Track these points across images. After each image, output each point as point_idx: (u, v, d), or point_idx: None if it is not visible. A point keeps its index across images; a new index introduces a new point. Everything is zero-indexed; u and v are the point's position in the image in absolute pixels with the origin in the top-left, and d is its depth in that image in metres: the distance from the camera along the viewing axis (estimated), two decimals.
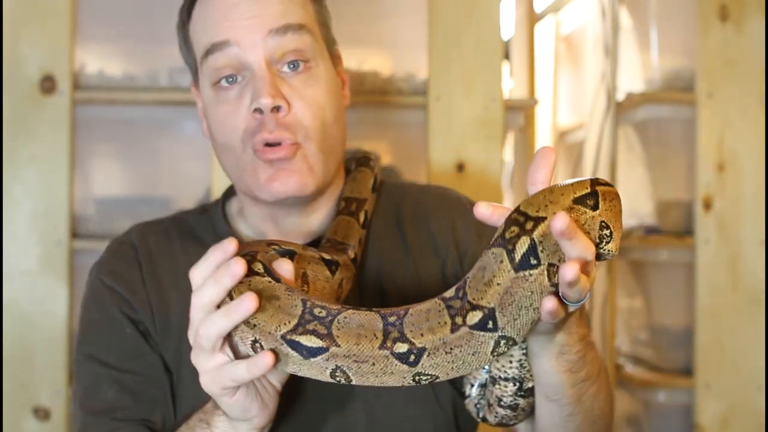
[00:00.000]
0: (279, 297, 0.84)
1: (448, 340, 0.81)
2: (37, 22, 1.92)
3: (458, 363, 0.82)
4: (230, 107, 1.06)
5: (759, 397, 2.12)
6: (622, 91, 2.32)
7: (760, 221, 2.14)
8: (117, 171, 2.13)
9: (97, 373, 1.08)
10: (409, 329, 0.82)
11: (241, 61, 1.05)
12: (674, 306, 2.28)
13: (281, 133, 1.05)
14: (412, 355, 0.81)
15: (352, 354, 0.82)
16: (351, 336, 0.82)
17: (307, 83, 1.07)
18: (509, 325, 0.81)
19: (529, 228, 0.79)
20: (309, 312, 0.83)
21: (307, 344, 0.82)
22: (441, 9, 1.99)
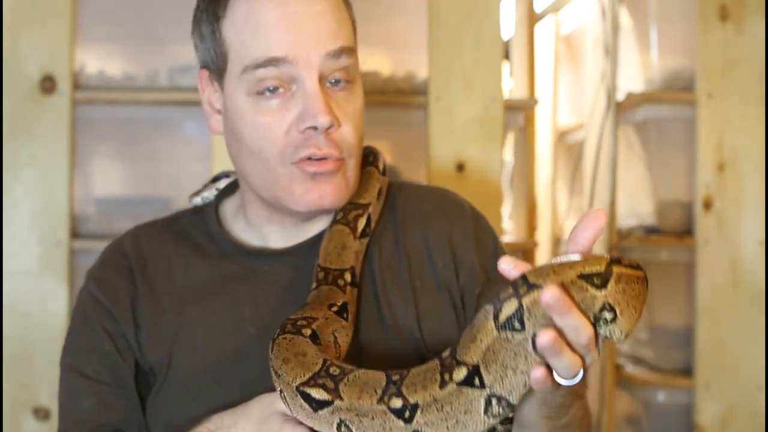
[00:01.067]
0: (306, 353, 0.91)
1: (438, 396, 0.83)
2: (37, 22, 1.92)
3: (452, 422, 0.84)
4: (272, 118, 1.05)
5: (759, 397, 2.12)
6: (622, 91, 2.32)
7: (760, 221, 2.14)
8: (117, 171, 2.13)
9: (77, 384, 1.11)
10: (406, 386, 0.85)
11: (292, 76, 1.04)
12: (674, 306, 2.28)
13: (330, 150, 1.05)
14: (407, 411, 0.84)
15: (354, 408, 0.86)
16: (354, 391, 0.86)
17: (348, 100, 1.08)
18: (497, 384, 0.82)
19: (522, 293, 0.79)
20: (325, 369, 0.89)
21: (315, 396, 0.87)
22: (441, 9, 1.99)
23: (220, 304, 1.10)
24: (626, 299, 0.81)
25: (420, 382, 0.84)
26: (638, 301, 0.82)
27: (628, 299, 0.81)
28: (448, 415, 0.83)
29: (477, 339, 0.81)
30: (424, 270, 1.13)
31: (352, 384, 0.87)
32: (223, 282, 1.12)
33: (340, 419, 0.87)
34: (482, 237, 1.16)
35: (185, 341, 1.09)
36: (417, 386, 0.84)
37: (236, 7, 1.06)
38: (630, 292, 0.82)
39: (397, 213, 1.18)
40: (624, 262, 0.81)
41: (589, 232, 0.81)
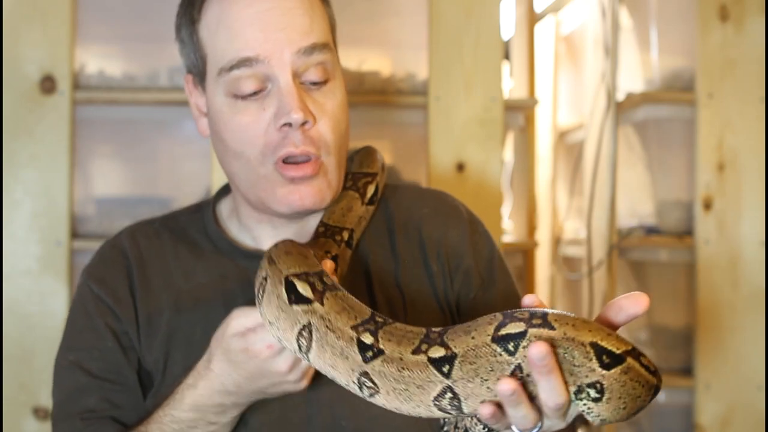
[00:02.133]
0: (308, 257, 0.92)
1: (405, 358, 0.83)
2: (37, 22, 1.92)
3: (402, 387, 0.84)
4: (250, 118, 1.05)
5: (759, 397, 2.12)
6: (622, 91, 2.32)
7: (760, 221, 2.14)
8: (117, 171, 2.13)
9: (81, 381, 1.10)
10: (384, 331, 0.85)
11: (267, 75, 1.05)
12: (674, 306, 2.28)
13: (307, 148, 1.05)
14: (372, 351, 0.84)
15: (328, 319, 0.86)
16: (337, 306, 0.87)
17: (327, 97, 1.08)
18: (461, 383, 0.82)
19: (534, 323, 0.79)
20: (320, 275, 0.89)
21: (300, 290, 0.88)
22: (441, 9, 1.99)
23: (216, 304, 1.10)
24: (622, 392, 0.81)
25: (398, 336, 0.84)
26: (633, 401, 0.82)
27: (623, 393, 0.81)
28: (403, 379, 0.84)
29: (470, 334, 0.82)
30: (419, 274, 1.13)
31: (338, 300, 0.87)
32: (220, 281, 1.12)
33: (309, 322, 0.87)
34: (478, 241, 1.16)
35: (182, 340, 1.10)
36: (393, 338, 0.84)
37: (209, 10, 1.07)
38: (630, 389, 0.81)
39: (391, 216, 1.17)
40: (643, 360, 0.81)
41: (624, 315, 0.83)
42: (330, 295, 0.87)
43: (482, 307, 1.13)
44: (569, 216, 2.77)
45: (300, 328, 0.87)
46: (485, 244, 1.17)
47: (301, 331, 0.87)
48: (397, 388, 0.84)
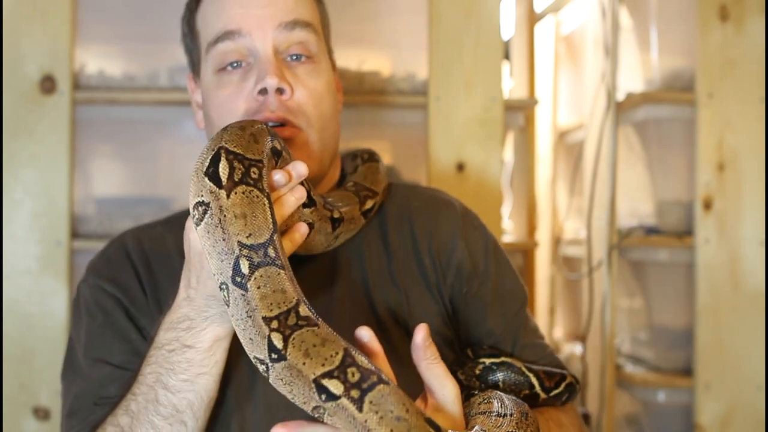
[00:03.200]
0: (256, 216, 0.86)
1: (305, 373, 0.80)
2: (37, 21, 1.92)
3: (289, 388, 0.82)
4: (232, 90, 1.09)
5: (759, 397, 2.12)
6: (622, 91, 2.32)
7: (760, 221, 2.14)
8: (117, 171, 2.13)
9: (104, 373, 1.08)
10: (295, 339, 0.81)
11: (249, 48, 1.09)
12: (674, 306, 2.28)
13: (283, 114, 1.08)
14: (276, 353, 0.81)
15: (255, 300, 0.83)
16: (272, 288, 0.83)
17: (309, 74, 1.11)
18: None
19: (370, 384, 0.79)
20: (273, 240, 0.85)
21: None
22: (441, 9, 1.99)
23: None
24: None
25: (314, 344, 0.80)
26: None
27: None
28: (292, 384, 0.81)
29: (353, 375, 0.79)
30: (411, 267, 1.13)
31: (264, 281, 0.83)
32: None
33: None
34: (471, 234, 1.16)
35: None
36: (302, 347, 0.80)
37: (206, 0, 1.13)
38: None
39: (384, 211, 1.18)
40: None
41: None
42: (259, 274, 0.83)
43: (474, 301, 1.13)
44: (569, 216, 2.77)
45: (238, 256, 0.84)
46: (479, 238, 1.17)
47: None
48: (287, 388, 0.82)
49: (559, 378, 1.10)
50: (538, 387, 1.08)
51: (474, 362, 1.09)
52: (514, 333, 1.15)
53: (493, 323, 1.14)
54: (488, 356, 1.09)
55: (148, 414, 0.97)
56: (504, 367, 1.08)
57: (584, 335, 2.42)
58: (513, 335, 1.15)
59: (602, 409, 2.26)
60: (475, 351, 1.10)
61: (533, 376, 1.08)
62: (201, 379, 0.96)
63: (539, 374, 1.09)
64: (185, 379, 0.95)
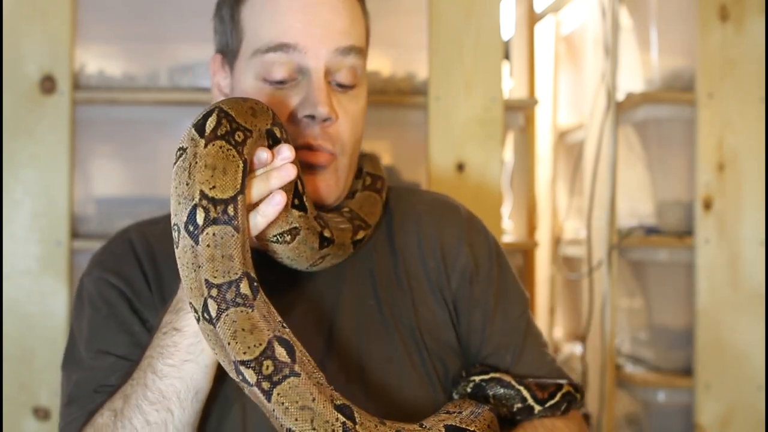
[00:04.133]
0: (227, 171, 0.87)
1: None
2: (37, 21, 1.92)
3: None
4: (275, 102, 1.07)
5: (759, 397, 2.12)
6: (622, 91, 2.32)
7: (760, 221, 2.14)
8: (117, 171, 2.13)
9: (106, 364, 1.08)
10: (229, 321, 0.84)
11: (299, 65, 1.06)
12: (674, 306, 2.28)
13: (324, 142, 1.07)
14: (208, 317, 0.85)
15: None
16: (221, 251, 0.85)
17: (351, 101, 1.10)
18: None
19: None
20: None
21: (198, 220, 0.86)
22: (441, 9, 1.99)
23: None
24: None
25: (240, 338, 0.84)
26: None
27: None
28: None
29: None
30: (417, 270, 1.13)
31: (216, 241, 0.84)
32: None
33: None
34: (476, 239, 1.16)
35: None
36: (231, 327, 0.84)
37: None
38: None
39: (390, 214, 1.18)
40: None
41: None
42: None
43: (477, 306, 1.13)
44: (569, 216, 2.77)
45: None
46: (483, 243, 1.17)
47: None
48: (210, 345, 0.87)
49: (554, 388, 1.09)
50: (531, 399, 1.08)
51: (466, 381, 1.10)
52: (515, 340, 1.15)
53: (494, 329, 1.14)
54: (479, 374, 1.09)
55: (137, 398, 0.97)
56: (494, 383, 1.08)
57: (584, 335, 2.42)
58: (514, 342, 1.15)
59: (602, 409, 2.26)
60: (467, 370, 1.11)
61: (524, 389, 1.08)
62: (187, 366, 0.95)
63: (530, 386, 1.09)
64: (171, 364, 0.95)
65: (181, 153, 0.87)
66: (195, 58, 1.97)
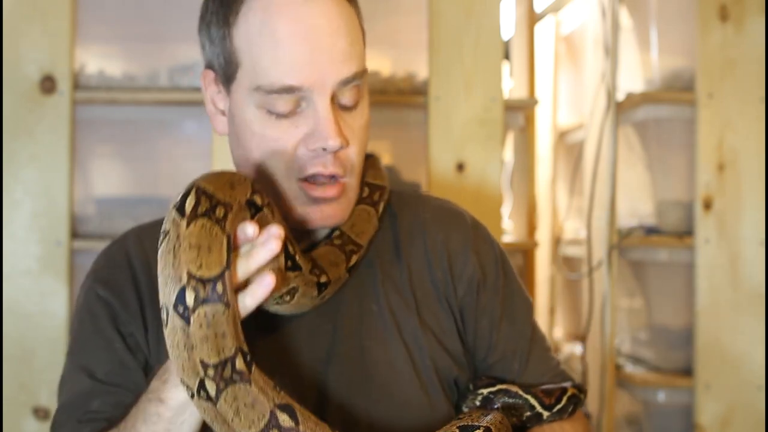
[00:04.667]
0: (208, 247, 0.86)
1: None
2: (37, 22, 1.92)
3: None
4: (281, 134, 1.04)
5: (759, 397, 2.12)
6: (622, 91, 2.32)
7: (760, 221, 2.14)
8: (117, 171, 2.13)
9: (86, 385, 1.09)
10: (230, 398, 0.85)
11: (305, 99, 1.03)
12: (674, 306, 2.28)
13: (336, 169, 1.05)
14: (206, 395, 0.85)
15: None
16: (213, 330, 0.84)
17: (356, 118, 1.07)
18: None
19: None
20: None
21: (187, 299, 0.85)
22: (441, 9, 1.99)
23: None
24: None
25: (243, 414, 0.85)
26: None
27: None
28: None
29: None
30: (424, 279, 1.13)
31: (207, 320, 0.84)
32: None
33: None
34: (482, 247, 1.16)
35: None
36: (233, 404, 0.85)
37: (249, 17, 1.03)
38: None
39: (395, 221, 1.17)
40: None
41: None
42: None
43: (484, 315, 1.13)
44: (569, 216, 2.77)
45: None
46: (490, 251, 1.16)
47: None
48: (207, 419, 0.87)
49: (560, 393, 1.12)
50: (539, 406, 1.10)
51: (474, 394, 1.11)
52: (521, 346, 1.15)
53: (501, 336, 1.14)
54: (486, 386, 1.11)
55: None
56: (501, 394, 1.10)
57: (584, 335, 2.42)
58: (520, 348, 1.15)
59: (602, 409, 2.26)
60: (474, 383, 1.12)
61: (531, 397, 1.10)
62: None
63: (537, 394, 1.11)
64: (154, 431, 0.95)
65: (164, 236, 0.86)
66: (195, 58, 1.97)
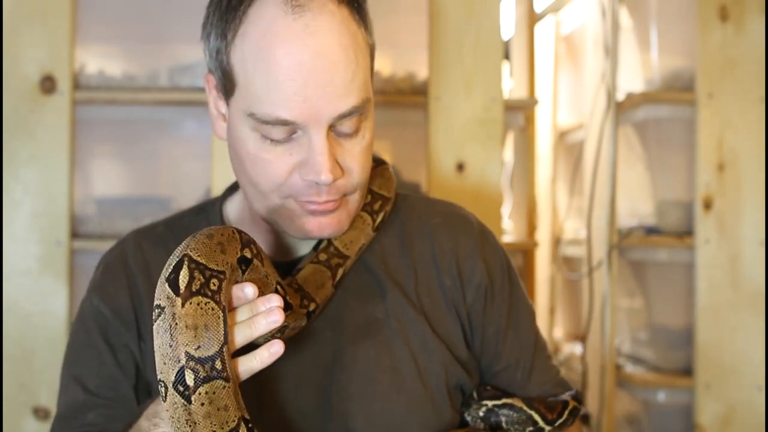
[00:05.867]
0: (208, 326, 0.85)
1: None
2: (37, 22, 1.92)
3: None
4: (275, 158, 1.01)
5: (759, 397, 2.12)
6: (622, 91, 2.32)
7: (760, 221, 2.14)
8: (117, 171, 2.13)
9: (80, 397, 1.10)
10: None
11: (300, 129, 1.00)
12: (674, 306, 2.28)
13: (330, 197, 1.03)
14: None
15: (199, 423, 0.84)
16: (215, 405, 0.84)
17: (357, 143, 1.04)
18: None
19: None
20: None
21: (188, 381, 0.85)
22: (441, 9, 1.99)
23: None
24: None
25: None
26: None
27: None
28: None
29: None
30: (432, 285, 1.12)
31: (209, 398, 0.84)
32: None
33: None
34: (489, 253, 1.15)
35: None
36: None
37: (246, 40, 0.99)
38: None
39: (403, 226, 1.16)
40: None
41: None
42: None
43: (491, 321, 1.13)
44: (569, 216, 2.77)
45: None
46: (497, 258, 1.16)
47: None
48: None
49: (561, 407, 1.14)
50: (542, 421, 1.12)
51: (478, 404, 1.13)
52: (525, 355, 1.16)
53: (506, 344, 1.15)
54: (490, 398, 1.13)
55: None
56: (506, 409, 1.13)
57: (584, 335, 2.42)
58: (524, 357, 1.16)
59: (602, 409, 2.26)
60: (479, 392, 1.14)
61: (534, 413, 1.12)
62: None
63: (540, 409, 1.13)
64: None
65: (159, 312, 0.85)
66: (195, 58, 1.97)
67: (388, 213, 1.16)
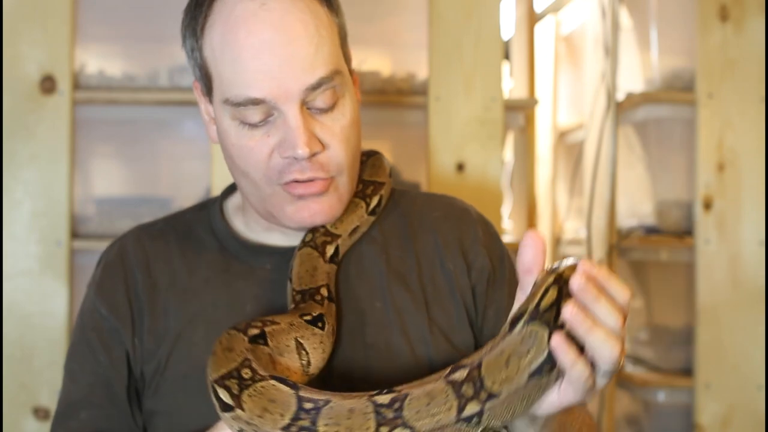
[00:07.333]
0: (233, 349, 0.88)
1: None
2: (37, 22, 1.92)
3: None
4: (255, 143, 1.04)
5: (759, 397, 2.12)
6: (622, 91, 2.32)
7: (760, 221, 2.14)
8: (117, 171, 2.13)
9: (75, 394, 1.11)
10: (323, 419, 0.80)
11: (273, 109, 1.02)
12: (674, 306, 2.28)
13: (315, 173, 1.04)
14: None
15: (254, 423, 0.82)
16: (260, 405, 0.82)
17: (336, 119, 1.06)
18: (495, 420, 0.81)
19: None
20: (237, 369, 0.86)
21: (223, 398, 0.85)
22: (441, 9, 1.99)
23: (221, 301, 1.10)
24: None
25: (344, 420, 0.79)
26: None
27: None
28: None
29: (430, 411, 0.79)
30: (436, 275, 1.13)
31: (258, 398, 0.83)
32: (225, 278, 1.12)
33: (240, 429, 0.84)
34: (490, 241, 1.18)
35: (187, 336, 1.09)
36: (340, 426, 0.79)
37: (213, 31, 1.04)
38: None
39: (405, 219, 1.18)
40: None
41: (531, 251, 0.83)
42: (247, 395, 0.83)
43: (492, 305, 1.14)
44: (569, 216, 2.77)
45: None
46: (496, 245, 1.18)
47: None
48: None
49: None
50: None
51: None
52: None
53: None
54: None
55: None
56: None
57: None
58: None
59: (602, 409, 2.26)
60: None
61: None
62: None
63: None
64: None
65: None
66: None
67: (385, 197, 1.18)
